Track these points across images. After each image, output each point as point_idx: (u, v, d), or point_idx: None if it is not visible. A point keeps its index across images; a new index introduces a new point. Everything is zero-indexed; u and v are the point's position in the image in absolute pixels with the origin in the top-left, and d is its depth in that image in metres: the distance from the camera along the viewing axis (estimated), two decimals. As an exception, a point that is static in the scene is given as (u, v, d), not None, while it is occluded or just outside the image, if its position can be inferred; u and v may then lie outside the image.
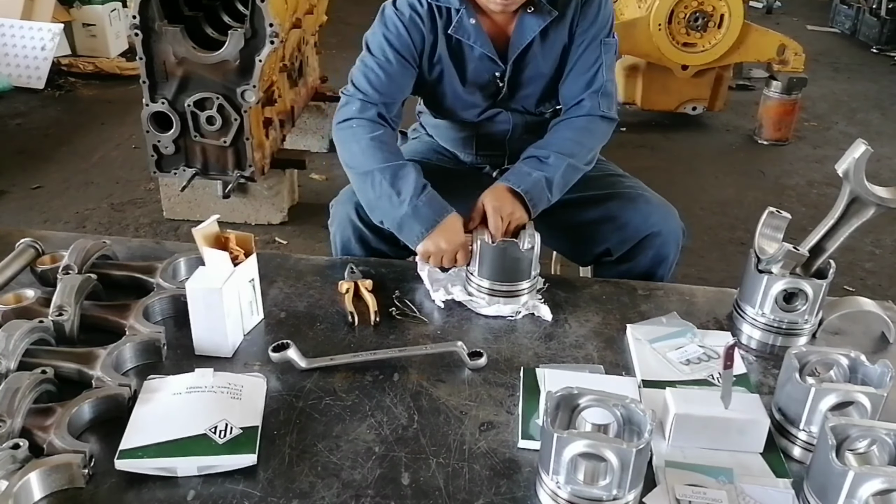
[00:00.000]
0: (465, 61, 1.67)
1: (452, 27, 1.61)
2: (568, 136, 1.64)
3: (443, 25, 1.62)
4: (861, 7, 6.96)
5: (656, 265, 1.68)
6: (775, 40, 4.33)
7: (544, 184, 1.55)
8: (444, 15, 1.62)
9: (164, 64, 2.80)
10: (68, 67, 4.93)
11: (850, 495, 0.92)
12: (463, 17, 1.60)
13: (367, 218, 1.62)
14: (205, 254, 1.30)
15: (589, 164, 1.66)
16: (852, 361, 1.14)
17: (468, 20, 1.60)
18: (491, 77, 1.68)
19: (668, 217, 1.69)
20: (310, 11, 3.57)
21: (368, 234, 1.66)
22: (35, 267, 1.42)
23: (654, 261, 1.67)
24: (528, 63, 1.67)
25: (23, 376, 1.09)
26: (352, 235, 1.67)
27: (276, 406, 1.17)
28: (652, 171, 3.91)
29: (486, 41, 1.62)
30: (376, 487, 1.03)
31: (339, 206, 1.70)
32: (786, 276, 1.33)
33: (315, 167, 3.78)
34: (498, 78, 1.68)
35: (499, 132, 1.78)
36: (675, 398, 1.13)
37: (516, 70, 1.67)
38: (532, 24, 1.61)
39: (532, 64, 1.67)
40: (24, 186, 3.53)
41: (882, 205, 1.28)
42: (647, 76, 4.46)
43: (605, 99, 1.67)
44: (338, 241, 1.70)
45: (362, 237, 1.67)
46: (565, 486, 0.97)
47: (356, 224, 1.66)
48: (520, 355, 1.32)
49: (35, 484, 0.98)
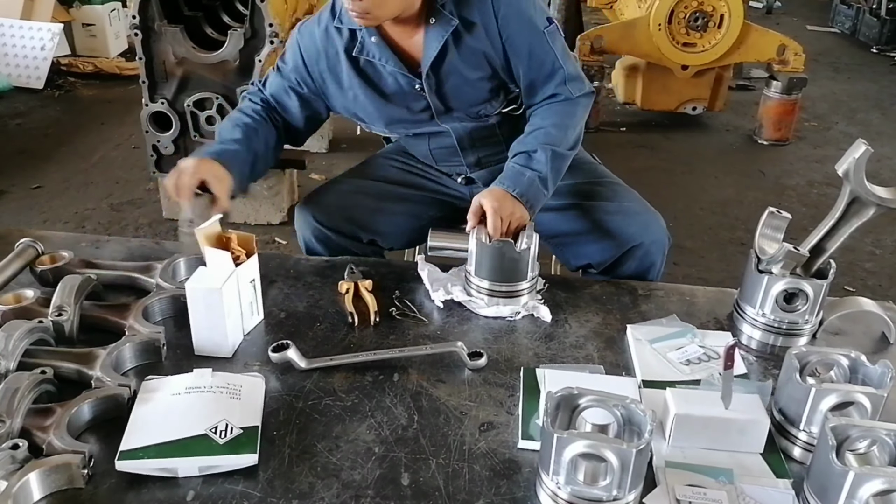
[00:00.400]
0: (378, 79, 1.65)
1: (356, 48, 1.60)
2: (549, 123, 1.62)
3: (344, 47, 1.61)
4: (861, 7, 6.97)
5: (642, 273, 1.67)
6: (775, 40, 4.33)
7: (538, 182, 1.54)
8: (346, 36, 1.61)
9: (164, 64, 2.80)
10: (68, 67, 4.94)
11: (851, 496, 0.91)
12: (364, 36, 1.58)
13: (323, 218, 1.70)
14: (206, 253, 1.30)
15: (574, 147, 1.65)
16: (852, 362, 1.14)
17: (369, 39, 1.58)
18: (411, 90, 1.65)
19: (649, 226, 1.66)
20: (309, 11, 3.56)
21: (328, 233, 1.71)
22: (34, 267, 1.42)
23: (639, 270, 1.66)
24: (450, 73, 1.62)
25: (22, 376, 1.08)
26: (312, 235, 1.72)
27: (275, 406, 1.17)
28: (652, 171, 3.92)
29: (390, 57, 1.60)
30: (376, 488, 1.03)
31: (299, 208, 1.76)
32: (786, 277, 1.33)
33: (315, 167, 3.78)
34: (419, 90, 1.64)
35: (447, 145, 1.76)
36: (675, 398, 1.13)
37: (438, 81, 1.63)
38: (436, 34, 1.57)
39: (454, 74, 1.62)
40: (23, 186, 3.53)
41: (882, 205, 1.28)
42: (647, 76, 4.46)
43: (573, 83, 1.65)
44: (301, 241, 1.76)
45: (322, 236, 1.72)
46: (565, 487, 0.97)
47: (314, 224, 1.71)
48: (520, 355, 1.32)
49: (34, 484, 0.97)
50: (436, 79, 1.62)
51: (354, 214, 1.73)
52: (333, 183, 1.84)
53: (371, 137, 1.98)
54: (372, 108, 1.68)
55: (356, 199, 1.75)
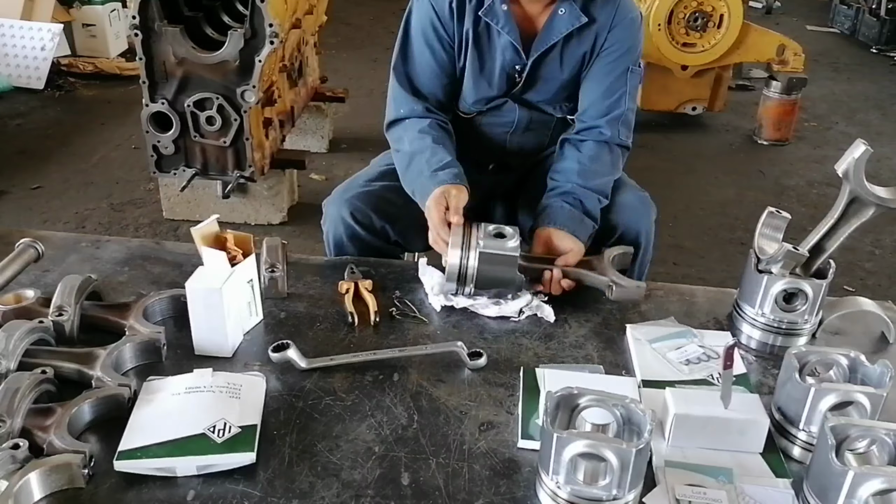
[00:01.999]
0: (488, 48, 1.67)
1: (483, 9, 1.62)
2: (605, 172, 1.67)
3: (474, 7, 1.63)
4: (861, 7, 6.96)
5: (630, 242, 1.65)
6: (775, 40, 4.33)
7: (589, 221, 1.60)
8: None
9: (164, 64, 2.80)
10: (68, 68, 4.93)
11: (850, 495, 0.92)
12: (495, 1, 1.61)
13: (359, 216, 1.65)
14: (203, 253, 1.30)
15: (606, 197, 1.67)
16: (852, 361, 1.14)
17: (500, 5, 1.61)
18: (511, 70, 1.68)
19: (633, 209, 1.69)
20: (309, 12, 3.57)
21: (361, 232, 1.67)
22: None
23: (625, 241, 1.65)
24: (549, 63, 1.67)
25: (23, 376, 1.09)
26: (343, 233, 1.68)
27: (275, 406, 1.17)
28: (652, 171, 3.91)
29: (513, 29, 1.62)
30: (376, 487, 1.03)
31: (332, 205, 1.71)
32: (786, 276, 1.33)
33: (315, 167, 3.77)
34: (518, 72, 1.68)
35: (502, 124, 1.77)
36: (675, 398, 1.13)
37: (535, 67, 1.68)
38: (562, 24, 1.62)
39: (552, 65, 1.68)
40: (23, 186, 3.53)
41: (882, 205, 1.28)
42: (646, 76, 4.43)
43: (624, 127, 1.71)
44: (331, 239, 1.71)
45: (355, 235, 1.67)
46: (565, 486, 0.97)
47: (348, 222, 1.66)
48: (520, 355, 1.32)
49: (35, 484, 0.97)
50: (537, 66, 1.67)
51: (390, 212, 1.70)
52: (364, 179, 1.79)
53: (372, 137, 1.99)
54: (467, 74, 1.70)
55: (391, 196, 1.72)
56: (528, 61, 1.66)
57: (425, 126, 1.65)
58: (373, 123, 2.12)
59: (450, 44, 1.68)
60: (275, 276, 1.42)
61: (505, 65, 1.68)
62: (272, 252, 1.44)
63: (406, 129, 1.67)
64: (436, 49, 1.68)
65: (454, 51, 1.69)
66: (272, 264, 1.43)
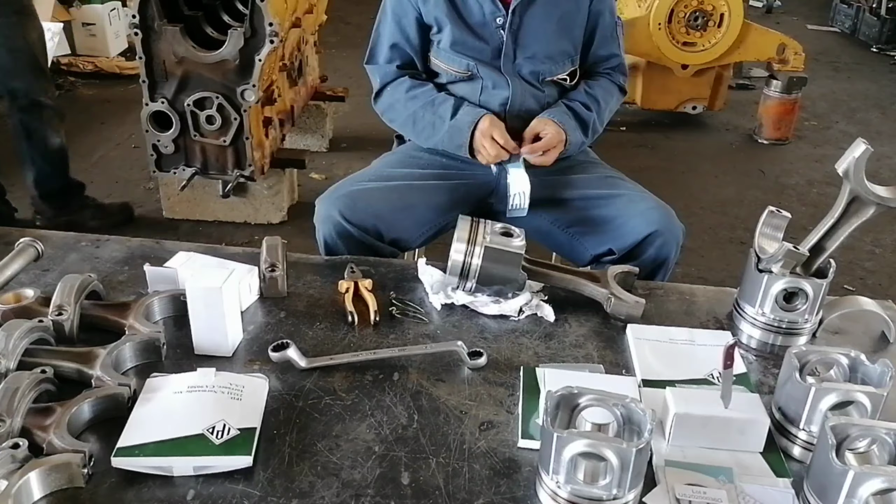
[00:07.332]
0: (463, 3, 1.72)
1: None
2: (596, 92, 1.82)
3: None
4: (861, 6, 6.95)
5: (658, 266, 1.68)
6: (775, 39, 4.32)
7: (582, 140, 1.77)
8: None
9: (164, 63, 2.80)
10: (68, 67, 4.93)
11: (850, 495, 0.91)
12: None
13: (349, 214, 1.66)
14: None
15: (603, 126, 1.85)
16: (852, 361, 1.14)
17: None
18: (493, 22, 1.71)
19: (667, 217, 1.69)
20: (309, 11, 3.56)
21: (351, 230, 1.67)
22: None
23: (655, 261, 1.67)
24: (532, 17, 1.71)
25: (22, 376, 1.08)
26: (333, 230, 1.68)
27: (275, 405, 1.17)
28: (652, 171, 3.91)
29: None
30: (376, 487, 1.03)
31: (323, 203, 1.71)
32: (786, 276, 1.33)
33: (315, 166, 3.77)
34: (500, 24, 1.71)
35: (498, 102, 1.78)
36: (675, 398, 1.13)
37: (521, 22, 1.71)
38: None
39: (536, 20, 1.71)
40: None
41: (882, 204, 1.28)
42: (646, 75, 4.46)
43: (622, 75, 1.90)
44: (321, 237, 1.71)
45: (345, 232, 1.67)
46: (565, 486, 0.97)
47: (338, 220, 1.67)
48: (520, 355, 1.32)
49: (35, 483, 0.97)
50: (519, 19, 1.71)
51: (382, 211, 1.70)
52: (357, 178, 1.80)
53: (373, 136, 1.99)
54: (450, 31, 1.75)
55: (383, 195, 1.72)
56: (508, 14, 1.69)
57: (406, 84, 1.79)
58: (373, 122, 2.11)
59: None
60: (274, 276, 1.42)
61: (486, 19, 1.71)
62: (272, 251, 1.44)
63: (390, 95, 1.82)
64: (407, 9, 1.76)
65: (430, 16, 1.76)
66: (272, 264, 1.43)
